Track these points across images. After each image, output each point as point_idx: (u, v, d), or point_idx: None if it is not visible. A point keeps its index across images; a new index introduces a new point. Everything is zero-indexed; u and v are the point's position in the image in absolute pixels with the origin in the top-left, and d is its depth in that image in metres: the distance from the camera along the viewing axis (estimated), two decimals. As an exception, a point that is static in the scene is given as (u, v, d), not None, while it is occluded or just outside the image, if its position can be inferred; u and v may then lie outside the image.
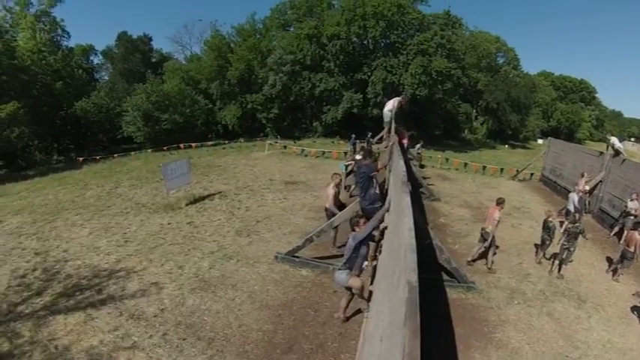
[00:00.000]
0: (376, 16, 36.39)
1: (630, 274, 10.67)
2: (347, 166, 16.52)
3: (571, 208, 13.25)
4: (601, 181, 16.07)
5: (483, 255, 10.44)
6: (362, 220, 6.71)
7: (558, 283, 9.81)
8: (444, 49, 37.46)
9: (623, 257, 10.21)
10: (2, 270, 9.19)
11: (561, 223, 12.12)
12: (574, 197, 13.69)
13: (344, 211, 9.36)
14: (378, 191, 7.78)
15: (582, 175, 16.01)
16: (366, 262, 6.73)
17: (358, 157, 14.98)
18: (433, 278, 9.13)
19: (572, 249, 9.92)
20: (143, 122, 36.46)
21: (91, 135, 41.97)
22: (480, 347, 7.00)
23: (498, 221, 9.78)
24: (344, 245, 12.13)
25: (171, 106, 37.63)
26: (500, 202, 10.08)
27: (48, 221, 12.35)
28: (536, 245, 11.51)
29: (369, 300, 6.87)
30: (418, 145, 26.39)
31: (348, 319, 7.36)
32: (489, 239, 9.89)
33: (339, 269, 6.72)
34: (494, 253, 10.56)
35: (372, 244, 7.31)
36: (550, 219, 10.62)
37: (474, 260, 10.55)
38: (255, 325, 7.14)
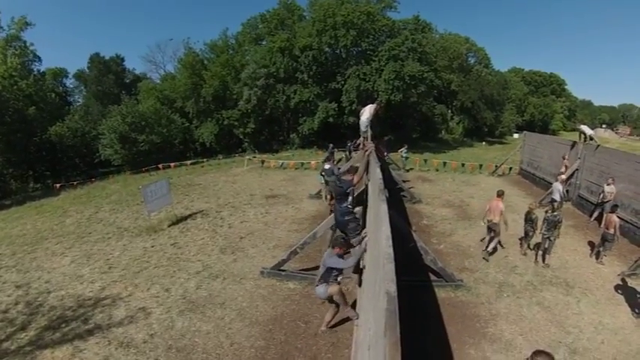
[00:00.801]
0: (346, 25, 36.74)
1: (613, 256, 10.98)
2: (324, 176, 16.63)
3: (557, 197, 13.41)
4: (577, 169, 16.48)
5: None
6: (344, 242, 6.81)
7: (545, 272, 9.98)
8: (415, 53, 37.93)
9: (605, 240, 10.50)
10: (-17, 306, 8.94)
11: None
12: (558, 187, 13.91)
13: (325, 221, 9.38)
14: (350, 206, 7.78)
15: (564, 158, 16.86)
16: (341, 276, 6.78)
17: (327, 165, 15.13)
18: (421, 280, 9.17)
19: (552, 238, 10.10)
20: (120, 144, 35.97)
21: (67, 160, 41.21)
22: (473, 343, 7.06)
23: (502, 211, 10.49)
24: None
25: (148, 127, 37.25)
26: (500, 194, 10.91)
27: (27, 252, 12.05)
28: (520, 238, 11.66)
29: (353, 305, 6.91)
30: (404, 149, 26.55)
31: (334, 326, 7.34)
32: (497, 229, 10.52)
33: (316, 285, 6.82)
34: (499, 242, 11.15)
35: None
36: (533, 211, 10.82)
37: (491, 254, 10.90)
38: (247, 343, 7.07)
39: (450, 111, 58.37)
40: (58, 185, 27.35)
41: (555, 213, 10.09)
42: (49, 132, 37.34)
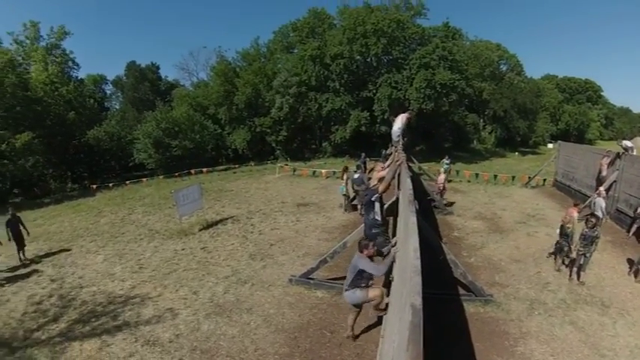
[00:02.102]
0: (377, 34, 36.72)
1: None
2: (346, 187, 16.64)
3: (599, 214, 12.58)
4: (615, 181, 15.80)
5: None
6: (371, 244, 6.65)
7: (579, 290, 9.53)
8: (446, 61, 37.59)
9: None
10: (18, 296, 9.37)
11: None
12: (601, 203, 13.36)
13: (356, 230, 9.33)
14: (378, 217, 7.68)
15: (605, 156, 16.42)
16: (371, 281, 6.70)
17: (357, 175, 15.09)
18: (450, 293, 8.99)
19: (588, 254, 9.66)
20: (154, 149, 36.94)
21: (103, 163, 42.84)
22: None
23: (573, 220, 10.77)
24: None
25: (181, 133, 38.12)
26: (577, 204, 11.83)
27: (63, 248, 12.47)
28: (553, 253, 11.25)
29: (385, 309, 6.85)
30: (446, 159, 26.17)
31: (357, 337, 7.27)
32: (572, 236, 10.42)
33: (346, 290, 6.69)
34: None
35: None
36: (567, 224, 10.44)
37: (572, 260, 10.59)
38: (272, 349, 7.07)
39: (481, 120, 57.42)
40: (94, 186, 28.36)
41: (594, 229, 9.69)
42: (87, 135, 38.80)
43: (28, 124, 32.44)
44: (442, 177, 17.78)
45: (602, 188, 14.59)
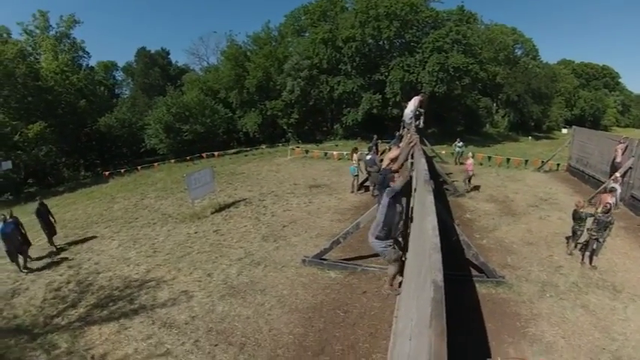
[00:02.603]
0: (389, 17, 36.22)
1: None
2: (357, 168, 16.64)
3: (612, 200, 12.60)
4: (631, 167, 15.58)
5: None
6: (396, 175, 6.72)
7: (591, 274, 9.50)
8: (460, 45, 37.02)
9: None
10: (37, 284, 9.54)
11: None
12: (617, 188, 13.24)
13: (368, 211, 9.35)
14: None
15: (620, 142, 16.15)
16: (401, 222, 6.78)
17: (369, 156, 15.11)
18: (462, 274, 9.01)
19: (601, 239, 9.59)
20: (165, 134, 37.03)
21: (115, 149, 43.09)
22: (513, 342, 6.86)
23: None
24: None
25: (192, 117, 38.12)
26: (611, 190, 11.97)
27: (79, 235, 12.66)
28: (567, 237, 11.18)
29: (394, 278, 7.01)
30: (458, 142, 26.52)
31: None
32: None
33: (377, 236, 6.85)
34: None
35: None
36: (581, 209, 10.35)
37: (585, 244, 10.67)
38: (286, 329, 7.19)
39: (495, 104, 56.63)
40: (107, 173, 28.53)
41: (608, 214, 9.60)
42: (98, 123, 38.95)
43: (40, 113, 32.70)
44: (471, 161, 17.48)
45: (617, 174, 14.41)
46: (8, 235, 10.14)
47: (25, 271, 10.32)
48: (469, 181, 17.50)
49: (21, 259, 10.47)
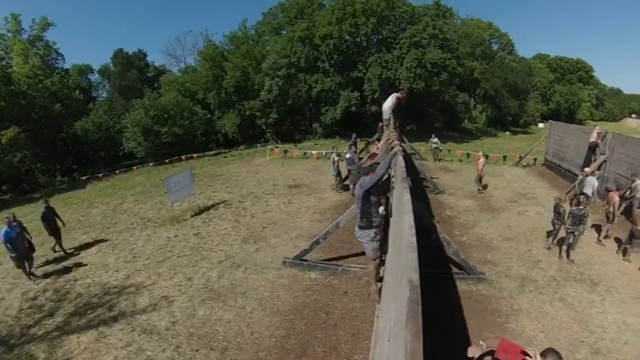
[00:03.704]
0: (366, 13, 36.45)
1: (641, 253, 10.58)
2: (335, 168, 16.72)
3: (589, 192, 12.78)
4: (605, 161, 15.93)
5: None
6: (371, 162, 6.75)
7: (569, 268, 9.68)
8: (437, 40, 37.43)
9: (632, 236, 10.10)
10: (13, 294, 9.29)
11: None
12: (593, 181, 13.36)
13: (348, 211, 9.35)
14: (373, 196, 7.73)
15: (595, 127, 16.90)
16: (381, 208, 6.72)
17: (348, 155, 15.16)
18: (442, 272, 9.09)
19: (577, 233, 9.76)
20: (143, 137, 36.45)
21: (92, 154, 42.15)
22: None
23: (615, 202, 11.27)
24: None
25: (170, 119, 37.61)
26: (619, 188, 12.11)
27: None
28: (548, 232, 11.29)
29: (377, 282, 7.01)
30: (436, 139, 26.55)
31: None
32: (611, 217, 11.25)
33: (359, 225, 6.78)
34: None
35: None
36: (561, 203, 10.51)
37: (606, 237, 11.26)
38: (267, 332, 7.15)
39: (472, 99, 57.26)
40: (84, 178, 28.01)
41: (581, 207, 9.76)
42: (74, 127, 38.12)
43: (14, 118, 31.84)
44: (482, 160, 16.89)
45: (587, 169, 14.67)
46: (14, 240, 9.70)
47: (33, 278, 9.94)
48: (480, 181, 17.08)
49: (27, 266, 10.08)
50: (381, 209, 6.70)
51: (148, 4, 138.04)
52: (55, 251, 11.80)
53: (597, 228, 11.94)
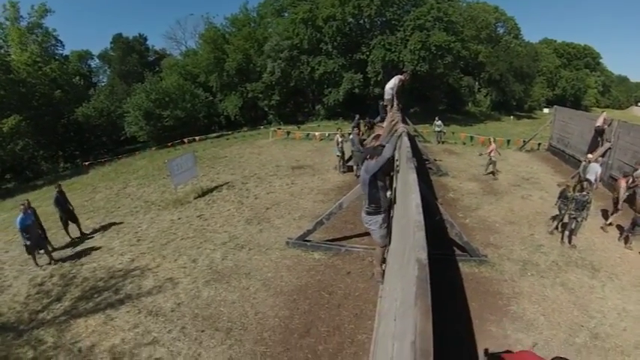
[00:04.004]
0: (370, -6, 35.89)
1: (642, 241, 10.56)
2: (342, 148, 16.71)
3: (592, 178, 12.62)
4: (610, 148, 15.83)
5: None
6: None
7: (571, 253, 9.67)
8: (441, 23, 36.99)
9: (635, 224, 10.07)
10: (20, 280, 9.34)
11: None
12: (596, 168, 13.30)
13: (351, 192, 9.34)
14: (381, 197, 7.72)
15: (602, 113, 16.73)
16: (389, 192, 6.74)
17: (352, 136, 15.12)
18: (445, 253, 9.11)
19: (579, 219, 9.73)
20: (145, 121, 36.44)
21: (94, 139, 42.26)
22: (495, 320, 6.98)
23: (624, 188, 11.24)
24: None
25: (172, 102, 37.55)
26: (626, 175, 11.78)
27: (60, 228, 12.42)
28: (553, 217, 11.23)
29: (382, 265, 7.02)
30: (439, 122, 26.32)
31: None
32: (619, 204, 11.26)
33: (366, 210, 6.82)
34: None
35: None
36: (569, 188, 10.41)
37: (609, 224, 11.21)
38: (271, 312, 7.20)
39: (477, 83, 56.88)
40: (86, 164, 28.09)
41: (584, 193, 9.72)
42: (75, 113, 38.23)
43: (14, 107, 31.97)
44: (493, 146, 16.93)
45: (590, 155, 14.61)
46: (29, 227, 9.67)
47: (51, 262, 9.95)
48: (494, 166, 16.78)
49: (40, 254, 10.07)
50: (389, 193, 6.68)
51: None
52: (71, 237, 11.79)
53: (604, 214, 11.95)
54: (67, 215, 11.72)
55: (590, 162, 13.67)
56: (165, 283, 8.42)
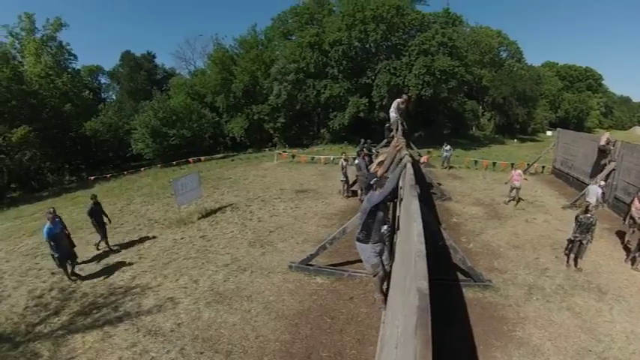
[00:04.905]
0: (376, 20, 36.49)
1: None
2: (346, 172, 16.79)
3: (592, 200, 12.64)
4: (614, 169, 15.83)
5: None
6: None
7: (577, 277, 9.60)
8: (445, 48, 37.40)
9: (641, 245, 10.04)
10: (19, 291, 9.32)
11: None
12: (597, 190, 13.32)
13: (354, 217, 9.33)
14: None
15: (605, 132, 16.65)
16: (384, 227, 6.68)
17: (357, 160, 15.21)
18: (449, 279, 9.04)
19: (585, 241, 9.67)
20: (151, 139, 36.74)
21: (101, 154, 42.61)
22: (500, 346, 6.88)
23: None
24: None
25: (179, 121, 37.90)
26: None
27: (82, 238, 12.43)
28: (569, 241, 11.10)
29: (383, 292, 6.98)
30: (448, 147, 26.19)
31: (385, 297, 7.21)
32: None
33: (357, 237, 6.82)
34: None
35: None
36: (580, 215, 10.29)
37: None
38: (272, 336, 7.12)
39: (481, 107, 57.20)
40: (92, 178, 28.22)
41: (589, 215, 9.68)
42: (84, 127, 38.62)
43: (24, 117, 32.42)
44: (519, 172, 16.45)
45: (599, 178, 14.61)
46: (58, 237, 9.46)
47: (74, 278, 9.73)
48: (517, 192, 16.29)
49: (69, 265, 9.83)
50: (384, 228, 6.67)
51: (158, 8, 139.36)
52: (99, 249, 11.81)
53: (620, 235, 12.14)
54: (100, 227, 11.70)
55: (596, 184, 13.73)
56: (166, 303, 8.36)
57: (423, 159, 20.22)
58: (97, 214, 11.73)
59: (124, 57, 59.12)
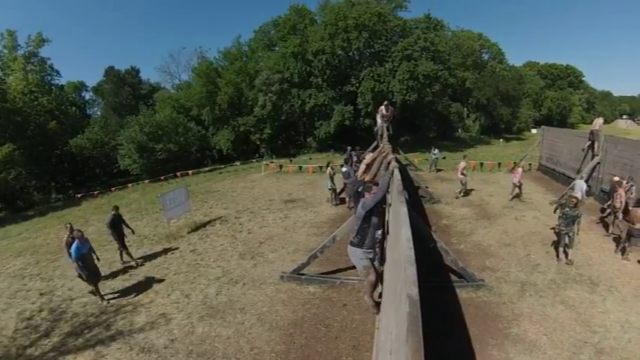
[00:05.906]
0: (358, 28, 36.78)
1: (639, 251, 10.59)
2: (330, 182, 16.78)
3: (578, 195, 12.73)
4: (599, 163, 16.07)
5: None
6: (375, 187, 6.69)
7: (568, 270, 9.70)
8: (428, 52, 37.78)
9: (630, 235, 10.18)
10: (8, 313, 9.15)
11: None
12: (582, 185, 13.53)
13: (344, 224, 9.33)
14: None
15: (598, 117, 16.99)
16: (379, 231, 6.67)
17: (345, 168, 15.22)
18: (442, 281, 9.06)
19: (571, 234, 9.81)
20: (138, 154, 36.41)
21: (87, 171, 42.18)
22: (496, 344, 6.90)
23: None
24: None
25: (165, 136, 37.63)
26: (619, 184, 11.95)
27: (51, 260, 12.25)
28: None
29: (373, 297, 6.97)
30: (436, 151, 26.42)
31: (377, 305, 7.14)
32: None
33: (350, 241, 6.73)
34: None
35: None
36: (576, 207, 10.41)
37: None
38: (267, 347, 7.06)
39: (465, 109, 57.86)
40: (79, 195, 27.88)
41: (574, 208, 9.81)
42: (69, 144, 38.29)
43: (9, 135, 31.94)
44: (520, 170, 16.78)
45: (584, 173, 14.85)
46: (86, 256, 9.24)
47: (106, 300, 9.34)
48: (519, 189, 16.70)
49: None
50: (379, 233, 6.67)
51: (142, 22, 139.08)
52: (124, 262, 11.67)
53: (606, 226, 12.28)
54: (120, 240, 11.57)
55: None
56: (158, 319, 8.25)
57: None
58: (118, 226, 11.60)
59: (107, 72, 58.75)
